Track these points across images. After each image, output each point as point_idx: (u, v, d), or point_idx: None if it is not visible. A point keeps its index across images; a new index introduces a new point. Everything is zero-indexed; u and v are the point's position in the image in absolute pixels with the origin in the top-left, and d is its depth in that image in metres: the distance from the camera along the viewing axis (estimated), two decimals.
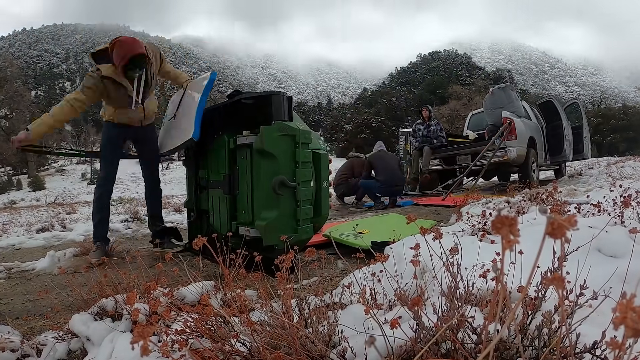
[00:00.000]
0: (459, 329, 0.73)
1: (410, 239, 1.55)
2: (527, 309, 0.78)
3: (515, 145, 5.41)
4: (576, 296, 0.81)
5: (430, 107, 7.01)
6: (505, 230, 0.24)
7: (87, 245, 2.82)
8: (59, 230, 5.04)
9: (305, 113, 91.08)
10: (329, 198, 2.25)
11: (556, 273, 0.28)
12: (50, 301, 1.75)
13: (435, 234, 0.80)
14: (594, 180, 5.97)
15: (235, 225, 2.14)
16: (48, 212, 9.12)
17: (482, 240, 1.51)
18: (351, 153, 6.47)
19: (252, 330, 0.78)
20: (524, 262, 0.89)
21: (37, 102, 68.19)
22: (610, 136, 42.15)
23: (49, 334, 1.23)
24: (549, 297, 0.86)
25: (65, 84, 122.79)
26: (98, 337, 1.12)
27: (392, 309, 1.01)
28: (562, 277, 0.28)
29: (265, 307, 0.92)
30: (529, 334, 0.75)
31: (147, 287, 1.11)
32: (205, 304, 0.82)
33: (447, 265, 0.84)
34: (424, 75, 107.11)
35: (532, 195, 2.98)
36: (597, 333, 0.69)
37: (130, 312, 1.10)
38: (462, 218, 2.36)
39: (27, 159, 34.34)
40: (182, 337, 0.79)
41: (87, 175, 35.43)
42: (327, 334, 0.86)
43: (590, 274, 0.88)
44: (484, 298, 0.91)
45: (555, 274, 0.27)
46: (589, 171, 8.19)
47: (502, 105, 5.98)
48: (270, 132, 1.93)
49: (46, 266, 2.59)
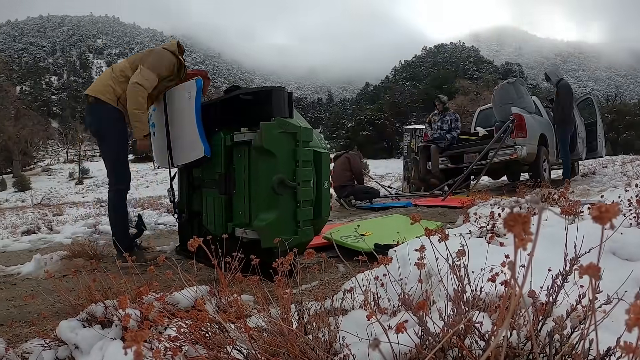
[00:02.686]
0: (466, 334, 0.73)
1: (415, 241, 1.55)
2: (538, 314, 0.78)
3: (526, 142, 5.40)
4: (589, 301, 0.82)
5: (442, 96, 6.90)
6: (518, 228, 0.24)
7: (74, 248, 2.82)
8: (45, 233, 5.05)
9: (304, 109, 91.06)
10: (330, 199, 2.26)
11: (591, 262, 0.28)
12: (37, 307, 1.75)
13: (441, 236, 0.80)
14: (609, 180, 5.96)
15: (231, 226, 2.14)
16: (34, 214, 9.13)
17: (491, 243, 1.52)
18: (339, 152, 6.35)
19: (249, 336, 0.78)
20: (534, 266, 0.89)
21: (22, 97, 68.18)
22: (626, 133, 42.09)
23: (35, 341, 1.23)
24: (560, 302, 0.87)
25: (51, 79, 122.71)
26: (87, 345, 1.12)
27: (396, 314, 1.01)
28: (597, 267, 0.27)
29: (262, 312, 0.92)
30: (539, 340, 0.75)
31: (138, 291, 1.11)
32: (200, 309, 0.82)
33: (454, 268, 0.84)
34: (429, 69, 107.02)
35: (544, 195, 2.98)
36: (612, 339, 0.69)
37: (121, 318, 1.10)
38: (470, 219, 2.36)
39: (12, 157, 34.37)
40: (175, 344, 0.79)
41: (75, 174, 35.44)
42: (327, 340, 0.86)
43: (603, 278, 0.88)
44: (492, 303, 0.91)
45: (590, 263, 0.27)
46: (603, 170, 8.19)
47: (511, 101, 5.97)
48: (270, 129, 1.93)
49: (32, 270, 2.59)
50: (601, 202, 2.43)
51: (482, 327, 0.75)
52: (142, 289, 0.98)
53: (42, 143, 46.11)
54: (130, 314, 0.83)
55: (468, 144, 6.44)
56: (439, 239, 0.84)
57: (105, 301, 1.26)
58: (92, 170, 37.09)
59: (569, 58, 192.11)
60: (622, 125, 42.94)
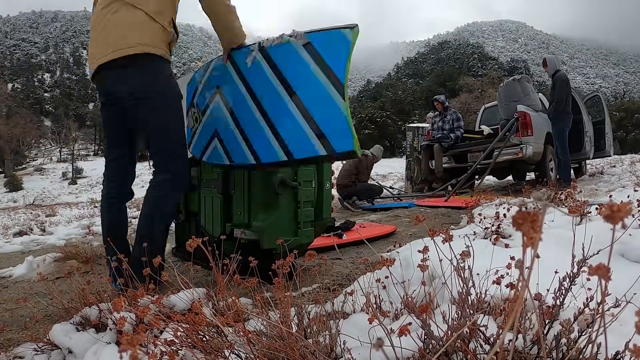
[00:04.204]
0: (470, 338, 0.73)
1: (418, 243, 1.55)
2: (545, 317, 0.78)
3: (532, 141, 5.39)
4: (597, 304, 0.82)
5: (440, 97, 6.84)
6: (527, 227, 0.24)
7: (68, 250, 2.82)
8: (38, 234, 5.05)
9: None
10: (331, 200, 2.26)
11: (600, 262, 0.28)
12: (29, 310, 1.75)
13: (445, 237, 0.80)
14: (617, 180, 5.97)
15: (230, 227, 2.14)
16: (26, 215, 9.14)
17: (496, 244, 1.52)
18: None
19: (248, 340, 0.78)
20: (541, 268, 0.89)
21: (14, 95, 68.17)
22: (635, 132, 42.10)
23: (27, 345, 1.23)
24: (567, 305, 0.87)
25: (44, 76, 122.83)
26: (81, 349, 1.12)
27: (399, 318, 1.01)
28: (607, 267, 0.27)
29: (261, 315, 0.92)
30: (546, 344, 0.75)
31: (133, 294, 1.11)
32: (197, 312, 0.82)
33: (458, 270, 0.84)
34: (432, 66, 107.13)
35: (550, 195, 2.98)
36: (620, 344, 0.69)
37: (116, 321, 1.10)
38: (474, 220, 2.36)
39: (3, 157, 34.37)
40: (172, 348, 0.79)
41: (68, 174, 35.46)
42: (328, 344, 0.86)
43: (612, 280, 0.88)
44: (497, 306, 0.91)
45: (599, 263, 0.27)
46: (611, 170, 8.19)
47: (517, 99, 5.96)
48: None
49: (24, 273, 2.59)
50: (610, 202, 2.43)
51: (487, 331, 0.75)
52: (138, 291, 0.98)
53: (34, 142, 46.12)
54: (125, 317, 0.83)
55: (472, 142, 6.44)
56: (443, 240, 0.84)
57: (100, 304, 1.26)
58: (85, 170, 37.11)
59: (576, 55, 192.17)
60: (630, 124, 42.93)
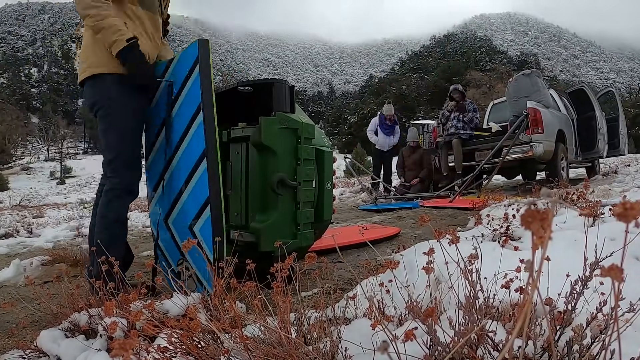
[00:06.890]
0: (478, 345, 0.73)
1: (423, 245, 1.55)
2: (556, 322, 0.78)
3: (542, 139, 5.38)
4: (611, 309, 0.82)
5: (458, 86, 6.70)
6: (537, 225, 0.24)
7: (56, 253, 2.82)
8: (24, 236, 5.06)
9: (303, 103, 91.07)
10: (332, 201, 2.25)
11: (613, 263, 0.28)
12: (16, 316, 1.75)
13: (451, 238, 0.80)
14: (631, 179, 5.97)
15: (226, 228, 2.15)
16: (12, 216, 9.13)
17: (505, 247, 1.52)
18: None
19: (245, 347, 0.79)
20: (552, 271, 0.90)
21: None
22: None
23: (13, 352, 1.23)
24: (579, 310, 0.87)
25: (31, 70, 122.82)
26: (70, 356, 1.12)
27: (403, 323, 1.01)
28: (620, 268, 0.27)
29: (259, 321, 0.92)
30: (557, 351, 0.75)
31: (125, 298, 1.11)
32: (192, 317, 0.82)
33: (465, 274, 0.84)
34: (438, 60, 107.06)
35: (561, 195, 2.98)
36: (634, 350, 0.69)
37: (107, 327, 1.10)
38: (482, 222, 2.36)
39: None
40: (165, 355, 0.80)
41: (57, 173, 35.49)
42: (329, 351, 0.86)
43: (627, 284, 0.88)
44: (506, 311, 0.91)
45: (612, 264, 0.27)
46: (625, 169, 8.20)
47: (526, 94, 5.95)
48: (271, 124, 1.92)
49: (10, 276, 2.59)
50: None
51: (495, 337, 0.76)
52: (130, 296, 0.98)
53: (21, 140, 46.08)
54: (117, 322, 0.83)
55: (480, 140, 6.42)
56: (449, 241, 0.84)
57: (90, 309, 1.26)
58: (75, 169, 37.12)
59: (588, 48, 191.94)
60: None
